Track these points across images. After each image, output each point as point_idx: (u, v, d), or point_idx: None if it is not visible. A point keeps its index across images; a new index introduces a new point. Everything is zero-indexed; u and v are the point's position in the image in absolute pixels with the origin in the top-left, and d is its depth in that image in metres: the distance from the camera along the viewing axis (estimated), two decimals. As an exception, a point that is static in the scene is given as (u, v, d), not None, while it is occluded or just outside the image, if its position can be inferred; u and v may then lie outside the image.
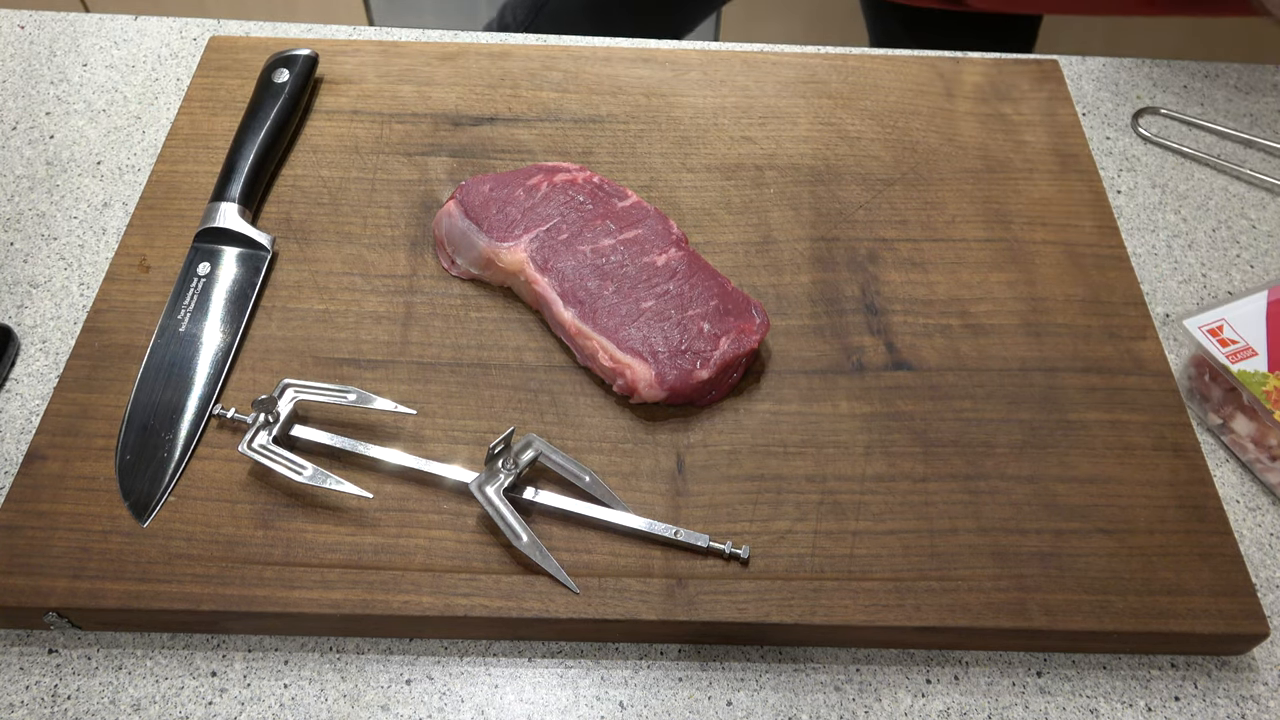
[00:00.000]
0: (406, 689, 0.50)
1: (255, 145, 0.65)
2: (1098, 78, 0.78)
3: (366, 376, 0.58)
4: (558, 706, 0.50)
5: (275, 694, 0.50)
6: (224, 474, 0.54)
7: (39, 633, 0.51)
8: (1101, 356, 0.60)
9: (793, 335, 0.60)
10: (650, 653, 0.52)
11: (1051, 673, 0.52)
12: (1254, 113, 0.76)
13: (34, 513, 0.52)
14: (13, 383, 0.60)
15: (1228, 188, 0.72)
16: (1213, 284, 0.67)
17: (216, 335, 0.59)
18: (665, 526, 0.52)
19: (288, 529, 0.52)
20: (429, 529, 0.52)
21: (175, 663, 0.51)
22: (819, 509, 0.53)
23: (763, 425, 0.56)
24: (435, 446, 0.55)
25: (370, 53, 0.73)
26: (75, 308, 0.63)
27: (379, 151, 0.68)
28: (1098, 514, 0.54)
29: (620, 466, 0.55)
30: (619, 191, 0.63)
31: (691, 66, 0.73)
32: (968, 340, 0.60)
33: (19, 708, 0.49)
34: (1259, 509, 0.57)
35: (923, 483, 0.55)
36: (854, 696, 0.51)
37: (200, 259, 0.62)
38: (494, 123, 0.70)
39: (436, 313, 0.60)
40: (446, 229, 0.62)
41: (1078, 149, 0.70)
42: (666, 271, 0.59)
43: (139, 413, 0.56)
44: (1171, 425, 0.57)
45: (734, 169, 0.68)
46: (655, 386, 0.55)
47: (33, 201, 0.68)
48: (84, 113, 0.73)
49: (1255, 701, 0.51)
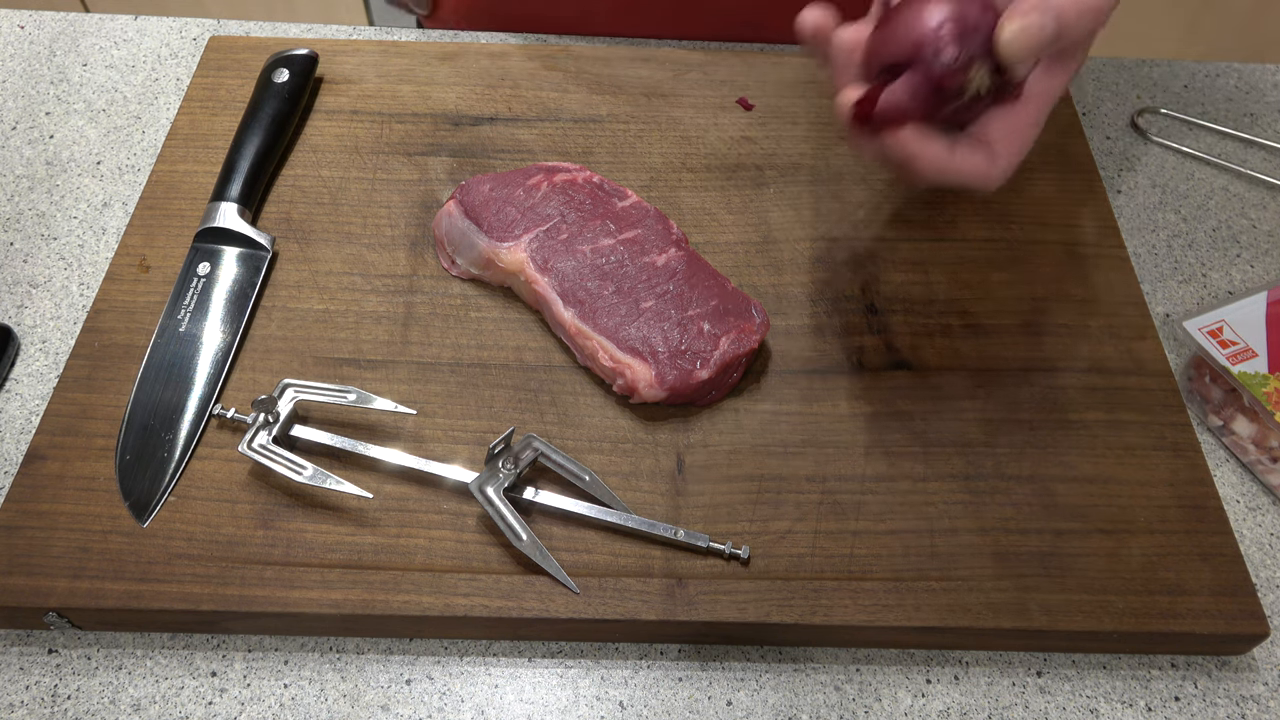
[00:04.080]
0: (406, 689, 0.50)
1: (255, 145, 0.65)
2: (1098, 78, 0.78)
3: (366, 376, 0.58)
4: (558, 706, 0.50)
5: (275, 694, 0.50)
6: (224, 474, 0.54)
7: (39, 633, 0.51)
8: (1101, 356, 0.60)
9: (793, 335, 0.60)
10: (650, 653, 0.52)
11: (1051, 673, 0.52)
12: (1254, 113, 0.76)
13: (34, 513, 0.52)
14: (13, 383, 0.60)
15: (1228, 188, 0.72)
16: (1213, 284, 0.67)
17: (216, 335, 0.59)
18: (665, 526, 0.52)
19: (288, 529, 0.52)
20: (429, 529, 0.52)
21: (175, 663, 0.51)
22: (819, 509, 0.53)
23: (763, 425, 0.56)
24: (435, 446, 0.55)
25: (370, 53, 0.73)
26: (75, 308, 0.63)
27: (379, 151, 0.68)
28: (1097, 514, 0.54)
29: (620, 466, 0.55)
30: (619, 191, 0.63)
31: (691, 66, 0.73)
32: (968, 340, 0.60)
33: (19, 708, 0.49)
34: (1259, 509, 0.57)
35: (923, 483, 0.55)
36: (854, 696, 0.51)
37: (200, 259, 0.62)
38: (494, 123, 0.70)
39: (436, 313, 0.60)
40: (446, 229, 0.62)
41: (1078, 149, 0.70)
42: (666, 271, 0.59)
43: (139, 413, 0.56)
44: (1171, 425, 0.57)
45: (734, 169, 0.68)
46: (655, 386, 0.55)
47: (33, 201, 0.68)
48: (84, 113, 0.73)
49: (1255, 701, 0.51)
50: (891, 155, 0.48)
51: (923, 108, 0.46)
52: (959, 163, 0.47)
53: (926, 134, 0.47)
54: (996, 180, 0.49)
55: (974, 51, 0.45)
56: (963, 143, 0.48)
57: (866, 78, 0.49)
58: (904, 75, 0.46)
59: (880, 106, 0.47)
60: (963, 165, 0.48)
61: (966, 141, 0.48)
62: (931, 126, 0.47)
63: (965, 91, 0.46)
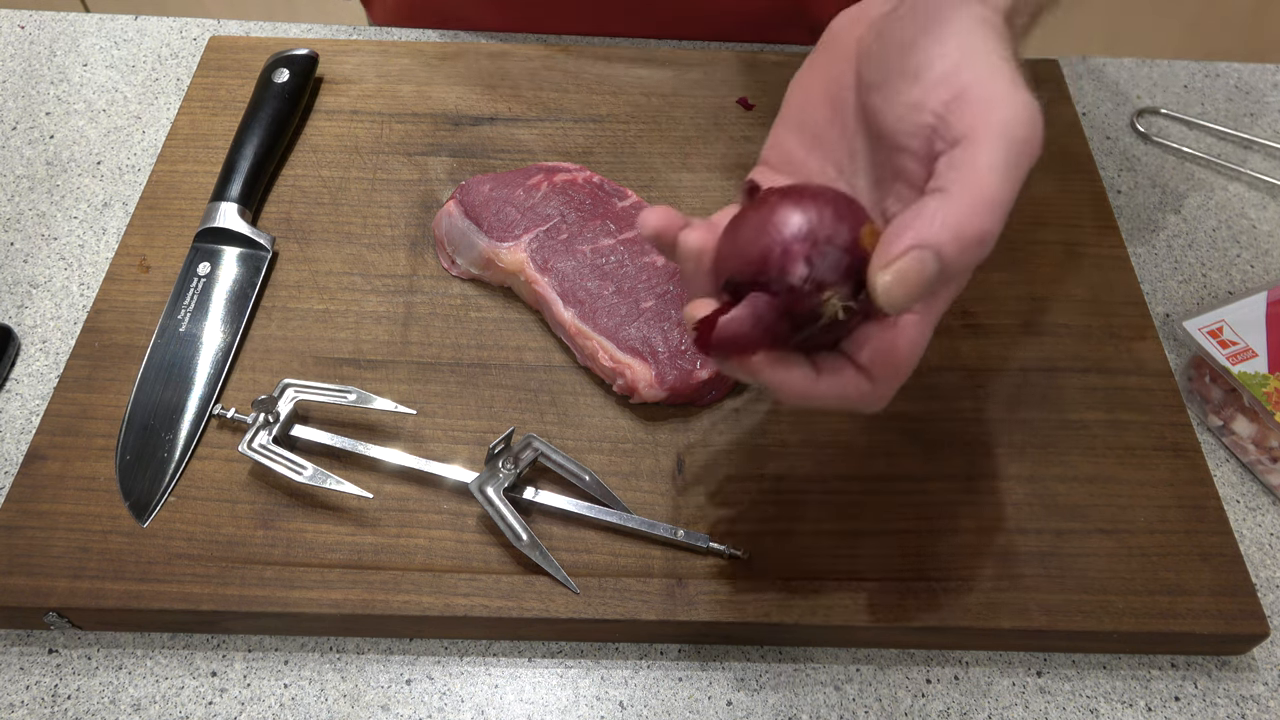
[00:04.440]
0: (406, 689, 0.50)
1: (255, 145, 0.65)
2: (1097, 78, 0.78)
3: (366, 376, 0.58)
4: (558, 706, 0.50)
5: (275, 694, 0.50)
6: (224, 474, 0.54)
7: (39, 633, 0.51)
8: (1101, 356, 0.60)
9: (793, 335, 0.60)
10: (650, 653, 0.52)
11: (1051, 673, 0.52)
12: (1254, 113, 0.76)
13: (34, 513, 0.52)
14: (13, 383, 0.60)
15: (1228, 188, 0.72)
16: (1213, 284, 0.67)
17: (216, 335, 0.59)
18: (665, 526, 0.52)
19: (288, 529, 0.52)
20: (429, 529, 0.52)
21: (175, 663, 0.51)
22: (819, 509, 0.53)
23: (763, 425, 0.56)
24: (435, 446, 0.55)
25: (370, 53, 0.73)
26: (75, 308, 0.63)
27: (379, 151, 0.68)
28: (1097, 514, 0.54)
29: (620, 466, 0.55)
30: (619, 191, 0.63)
31: (691, 66, 0.73)
32: (968, 340, 0.60)
33: (19, 708, 0.49)
34: (1259, 509, 0.57)
35: (923, 483, 0.55)
36: (854, 696, 0.51)
37: (200, 259, 0.62)
38: (494, 123, 0.70)
39: (436, 313, 0.60)
40: (446, 229, 0.62)
41: (1078, 149, 0.70)
42: (666, 271, 0.59)
43: (139, 413, 0.56)
44: (1171, 425, 0.57)
45: (734, 169, 0.68)
46: (655, 386, 0.55)
47: (33, 201, 0.68)
48: (84, 113, 0.73)
49: (1255, 701, 0.51)
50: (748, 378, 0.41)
51: (768, 334, 0.39)
52: (826, 390, 0.40)
53: (782, 360, 0.39)
54: (878, 404, 0.41)
55: (827, 272, 0.37)
56: (830, 366, 0.40)
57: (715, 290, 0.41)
58: (747, 298, 0.38)
59: (720, 333, 0.39)
60: (831, 392, 0.40)
61: (834, 364, 0.40)
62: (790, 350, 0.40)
63: (821, 316, 0.38)
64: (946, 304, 0.41)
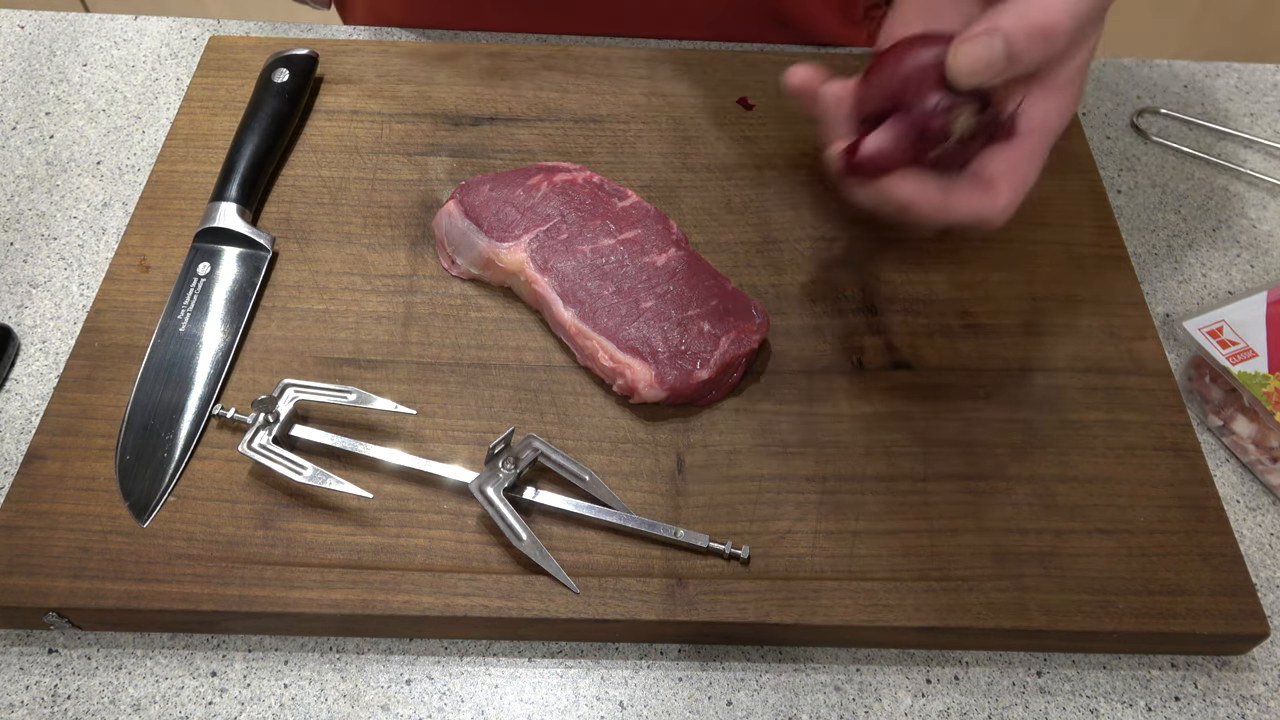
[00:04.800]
0: (406, 689, 0.50)
1: (255, 145, 0.65)
2: (1098, 78, 0.78)
3: (366, 376, 0.58)
4: (558, 706, 0.50)
5: (275, 694, 0.50)
6: (224, 474, 0.54)
7: (39, 633, 0.51)
8: (1101, 356, 0.60)
9: (793, 335, 0.60)
10: (650, 653, 0.52)
11: (1051, 673, 0.52)
12: (1254, 113, 0.76)
13: (34, 513, 0.52)
14: (13, 383, 0.60)
15: (1228, 188, 0.72)
16: (1213, 284, 0.67)
17: (216, 335, 0.59)
18: (665, 526, 0.52)
19: (288, 529, 0.52)
20: (429, 529, 0.52)
21: (175, 663, 0.51)
22: (819, 509, 0.53)
23: (763, 425, 0.56)
24: (435, 446, 0.55)
25: (370, 53, 0.73)
26: (75, 308, 0.63)
27: (379, 151, 0.68)
28: (1097, 514, 0.54)
29: (620, 466, 0.55)
30: (619, 191, 0.63)
31: (691, 66, 0.73)
32: (968, 340, 0.60)
33: (19, 708, 0.49)
34: (1259, 509, 0.57)
35: (923, 483, 0.55)
36: (854, 696, 0.51)
37: (200, 259, 0.62)
38: (494, 123, 0.70)
39: (436, 313, 0.60)
40: (446, 229, 0.62)
41: (1078, 149, 0.70)
42: (666, 271, 0.59)
43: (139, 413, 0.56)
44: (1171, 425, 0.57)
45: (734, 169, 0.68)
46: (655, 386, 0.55)
47: (33, 201, 0.68)
48: (84, 113, 0.73)
49: (1255, 701, 0.51)
50: (887, 202, 0.48)
51: (908, 153, 0.46)
52: (956, 203, 0.47)
53: (918, 178, 0.47)
54: (1000, 217, 0.48)
55: (955, 93, 0.45)
56: (960, 183, 0.48)
57: (855, 129, 0.49)
58: (887, 122, 0.46)
59: (864, 154, 0.46)
60: (961, 205, 0.47)
61: (964, 181, 0.48)
62: (925, 170, 0.47)
63: (951, 134, 0.46)
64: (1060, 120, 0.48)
